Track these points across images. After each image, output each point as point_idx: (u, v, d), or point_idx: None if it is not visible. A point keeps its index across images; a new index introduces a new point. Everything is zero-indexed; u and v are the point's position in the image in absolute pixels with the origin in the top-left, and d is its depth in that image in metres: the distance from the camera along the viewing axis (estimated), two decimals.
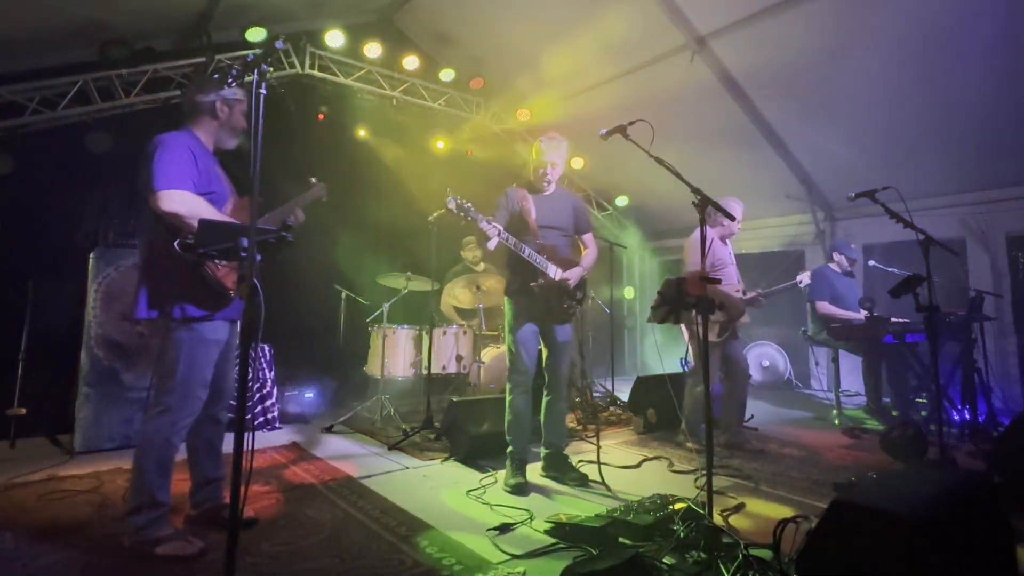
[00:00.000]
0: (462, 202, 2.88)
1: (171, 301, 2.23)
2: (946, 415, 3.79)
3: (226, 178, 2.49)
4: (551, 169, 3.25)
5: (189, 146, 2.29)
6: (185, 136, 2.35)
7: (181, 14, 4.82)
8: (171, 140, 2.27)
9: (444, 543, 2.34)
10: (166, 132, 2.32)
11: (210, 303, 2.25)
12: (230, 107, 2.45)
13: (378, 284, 5.23)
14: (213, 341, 2.31)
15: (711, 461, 2.38)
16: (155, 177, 2.16)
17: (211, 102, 2.41)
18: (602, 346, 6.36)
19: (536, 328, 3.23)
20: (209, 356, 2.31)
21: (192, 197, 2.19)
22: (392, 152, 6.47)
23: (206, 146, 2.43)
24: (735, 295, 3.98)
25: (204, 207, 2.19)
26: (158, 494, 2.22)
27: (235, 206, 2.44)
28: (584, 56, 6.10)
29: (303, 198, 2.69)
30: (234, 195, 2.48)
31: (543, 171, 3.24)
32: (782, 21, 4.84)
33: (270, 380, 4.53)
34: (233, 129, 2.49)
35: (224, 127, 2.46)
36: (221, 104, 2.42)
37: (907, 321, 4.52)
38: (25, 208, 4.27)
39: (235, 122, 2.47)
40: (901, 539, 1.54)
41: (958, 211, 5.65)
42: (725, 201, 4.03)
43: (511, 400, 3.20)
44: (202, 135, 2.43)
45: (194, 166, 2.26)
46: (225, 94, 2.42)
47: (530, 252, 3.07)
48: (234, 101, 2.45)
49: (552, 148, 3.22)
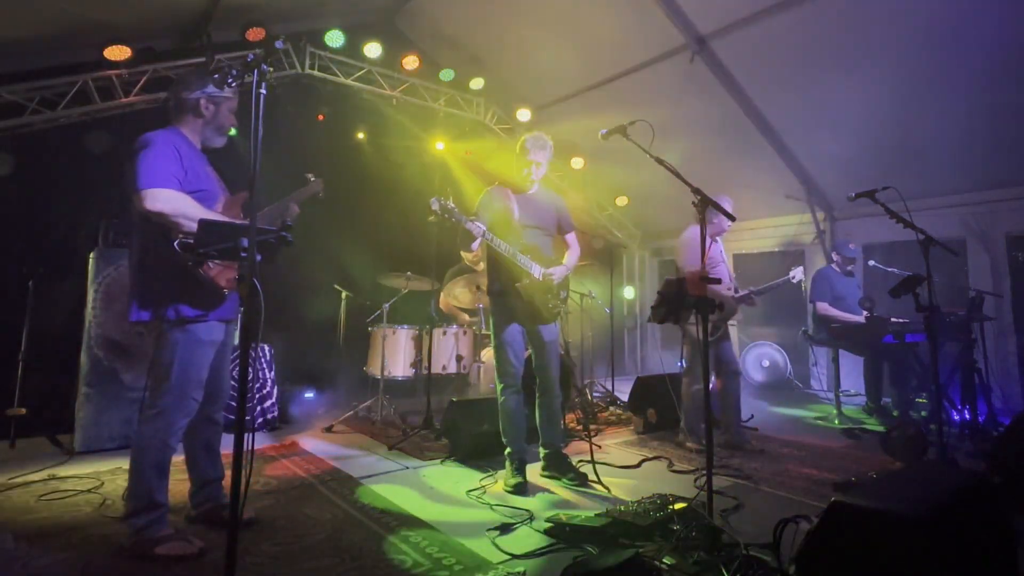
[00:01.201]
0: (445, 203, 2.86)
1: (164, 302, 2.20)
2: (946, 415, 3.79)
3: (216, 176, 2.45)
4: (535, 169, 3.25)
5: (174, 144, 2.24)
6: (170, 134, 2.30)
7: (181, 14, 4.82)
8: (155, 138, 2.22)
9: (444, 543, 2.34)
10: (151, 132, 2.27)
11: (204, 303, 2.23)
12: (216, 105, 2.39)
13: (378, 284, 5.23)
14: (208, 342, 2.29)
15: (711, 461, 2.38)
16: (139, 176, 2.12)
17: (195, 100, 2.35)
18: (602, 346, 6.36)
19: (521, 328, 3.22)
20: (204, 357, 2.30)
21: (177, 195, 2.15)
22: (392, 152, 6.47)
23: (193, 144, 2.38)
24: (727, 293, 3.99)
25: (190, 205, 2.15)
26: (156, 495, 2.22)
27: (226, 204, 2.40)
28: (584, 56, 6.11)
29: (299, 194, 2.66)
30: (225, 193, 2.44)
31: (527, 171, 3.25)
32: (782, 21, 4.84)
33: (270, 380, 4.53)
34: (220, 127, 2.43)
35: (209, 125, 2.41)
36: (206, 102, 2.37)
37: (907, 321, 4.52)
38: (25, 208, 4.27)
39: (221, 120, 2.42)
40: (901, 539, 1.54)
41: (958, 211, 5.65)
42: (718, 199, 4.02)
43: (502, 401, 3.20)
44: (188, 133, 2.38)
45: (179, 164, 2.20)
46: (210, 91, 2.35)
47: (514, 252, 3.06)
48: (220, 99, 2.39)
49: (537, 147, 3.22)
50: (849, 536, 1.64)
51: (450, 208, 2.87)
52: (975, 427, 4.14)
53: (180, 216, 2.12)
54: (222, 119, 2.43)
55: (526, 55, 6.41)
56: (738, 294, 4.05)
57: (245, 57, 1.74)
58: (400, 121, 6.53)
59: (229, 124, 2.47)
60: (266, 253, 2.06)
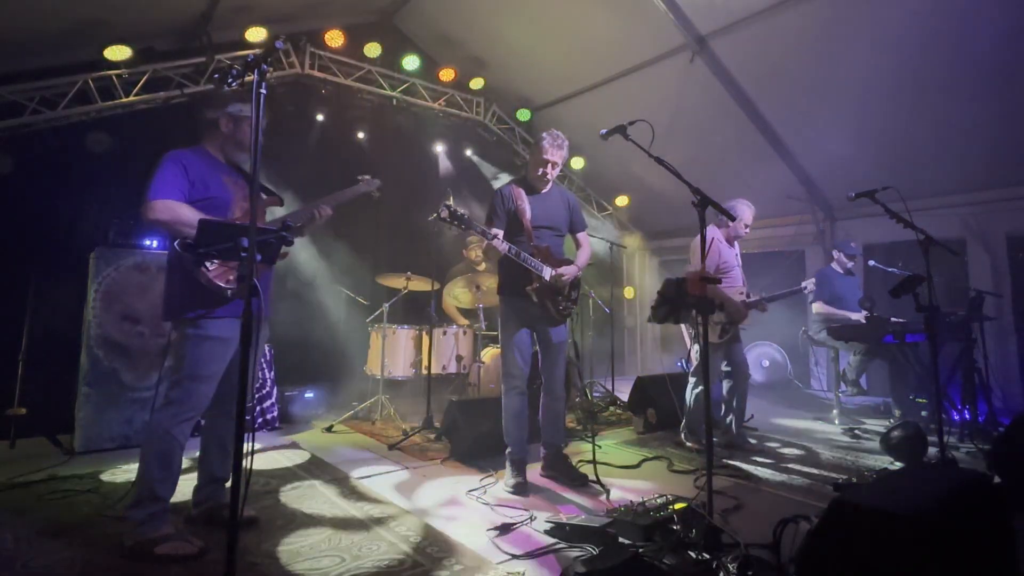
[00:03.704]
0: (456, 210, 2.84)
1: (177, 301, 2.33)
2: (946, 415, 3.79)
3: (238, 185, 2.50)
4: (551, 169, 3.22)
5: (182, 159, 2.38)
6: (186, 152, 2.43)
7: (181, 14, 4.82)
8: (168, 155, 2.38)
9: (444, 543, 2.34)
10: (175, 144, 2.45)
11: (208, 301, 2.29)
12: (235, 122, 2.50)
13: (378, 284, 5.23)
14: (217, 338, 2.33)
15: (711, 461, 2.38)
16: (147, 190, 2.27)
17: (215, 118, 2.49)
18: (602, 346, 6.36)
19: (530, 330, 3.22)
20: (213, 353, 2.33)
21: (174, 204, 2.26)
22: (392, 152, 6.47)
23: (215, 158, 2.51)
24: (738, 298, 3.97)
25: (186, 211, 2.26)
26: (158, 488, 2.24)
27: (246, 210, 2.45)
28: (584, 56, 6.11)
29: (340, 195, 2.76)
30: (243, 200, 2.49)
31: (542, 171, 3.22)
32: (782, 21, 4.84)
33: (270, 380, 4.53)
34: (239, 143, 2.53)
35: (230, 141, 2.53)
36: (226, 120, 2.49)
37: (907, 321, 4.52)
38: (25, 208, 4.27)
39: (240, 136, 2.52)
40: (901, 539, 1.54)
41: (958, 211, 5.65)
42: (736, 203, 4.03)
43: (506, 402, 3.19)
44: (212, 149, 2.52)
45: (184, 177, 2.33)
46: (230, 110, 2.49)
47: (525, 256, 3.04)
48: (240, 117, 2.50)
49: (555, 147, 3.18)
50: (849, 536, 1.64)
51: (461, 215, 2.85)
52: (975, 427, 4.15)
53: (177, 222, 2.23)
54: (241, 136, 2.52)
55: (526, 55, 6.41)
56: (750, 299, 4.04)
57: (245, 57, 1.75)
58: (400, 121, 6.53)
59: (248, 140, 2.55)
60: (266, 253, 2.08)
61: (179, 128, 4.78)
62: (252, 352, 1.63)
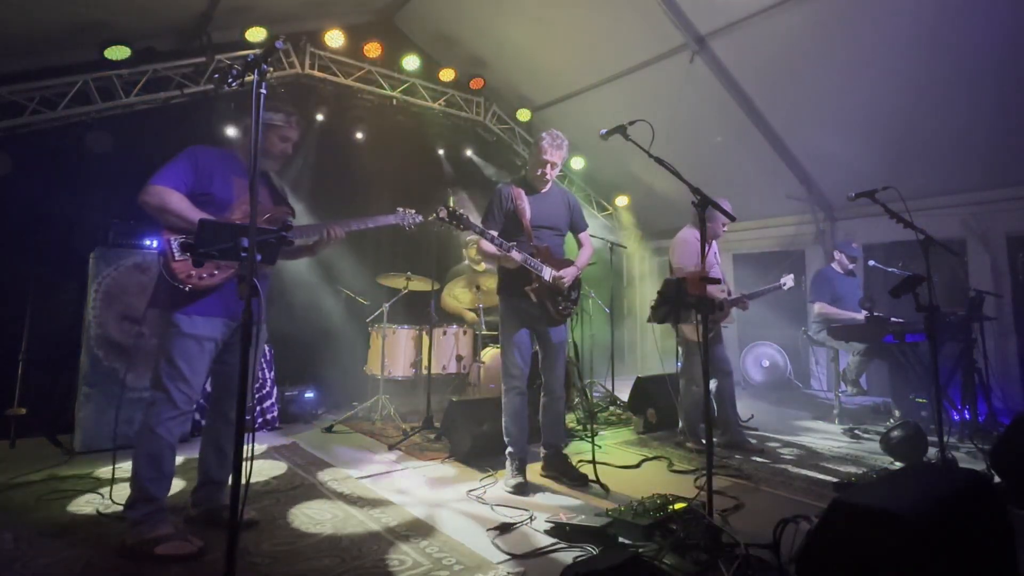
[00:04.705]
0: (455, 211, 2.84)
1: (154, 298, 2.38)
2: (946, 415, 3.79)
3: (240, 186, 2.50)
4: (550, 169, 3.22)
5: (198, 154, 2.42)
6: (209, 149, 2.50)
7: (181, 14, 4.82)
8: (189, 148, 2.44)
9: (444, 543, 2.34)
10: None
11: (178, 299, 2.30)
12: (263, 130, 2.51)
13: (378, 284, 5.23)
14: (190, 336, 2.31)
15: (711, 461, 2.38)
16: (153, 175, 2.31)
17: (245, 126, 2.57)
18: (602, 346, 6.36)
19: (530, 329, 3.22)
20: (188, 351, 2.31)
21: (166, 191, 2.28)
22: (392, 152, 6.47)
23: (241, 162, 2.54)
24: (720, 295, 3.99)
25: (176, 201, 2.28)
26: (151, 488, 2.24)
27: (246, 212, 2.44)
28: (584, 56, 6.11)
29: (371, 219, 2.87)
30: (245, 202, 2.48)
31: (542, 171, 3.21)
32: (782, 21, 4.84)
33: (269, 380, 4.53)
34: (265, 151, 2.55)
35: None
36: None
37: (907, 321, 4.52)
38: (25, 208, 4.27)
39: (267, 144, 2.55)
40: (901, 539, 1.54)
41: (958, 211, 5.64)
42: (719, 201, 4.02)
43: (506, 402, 3.19)
44: (241, 152, 2.58)
45: (191, 171, 2.37)
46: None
47: (525, 257, 3.04)
48: (269, 125, 2.52)
49: (554, 147, 3.17)
50: (849, 536, 1.64)
51: (459, 215, 2.85)
52: (975, 427, 4.15)
53: (163, 209, 2.26)
54: (269, 144, 2.55)
55: (526, 55, 6.41)
56: (731, 297, 4.06)
57: (245, 57, 1.76)
58: (400, 121, 6.53)
59: (275, 150, 2.60)
60: (266, 253, 2.08)
61: (179, 128, 4.79)
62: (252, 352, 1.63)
